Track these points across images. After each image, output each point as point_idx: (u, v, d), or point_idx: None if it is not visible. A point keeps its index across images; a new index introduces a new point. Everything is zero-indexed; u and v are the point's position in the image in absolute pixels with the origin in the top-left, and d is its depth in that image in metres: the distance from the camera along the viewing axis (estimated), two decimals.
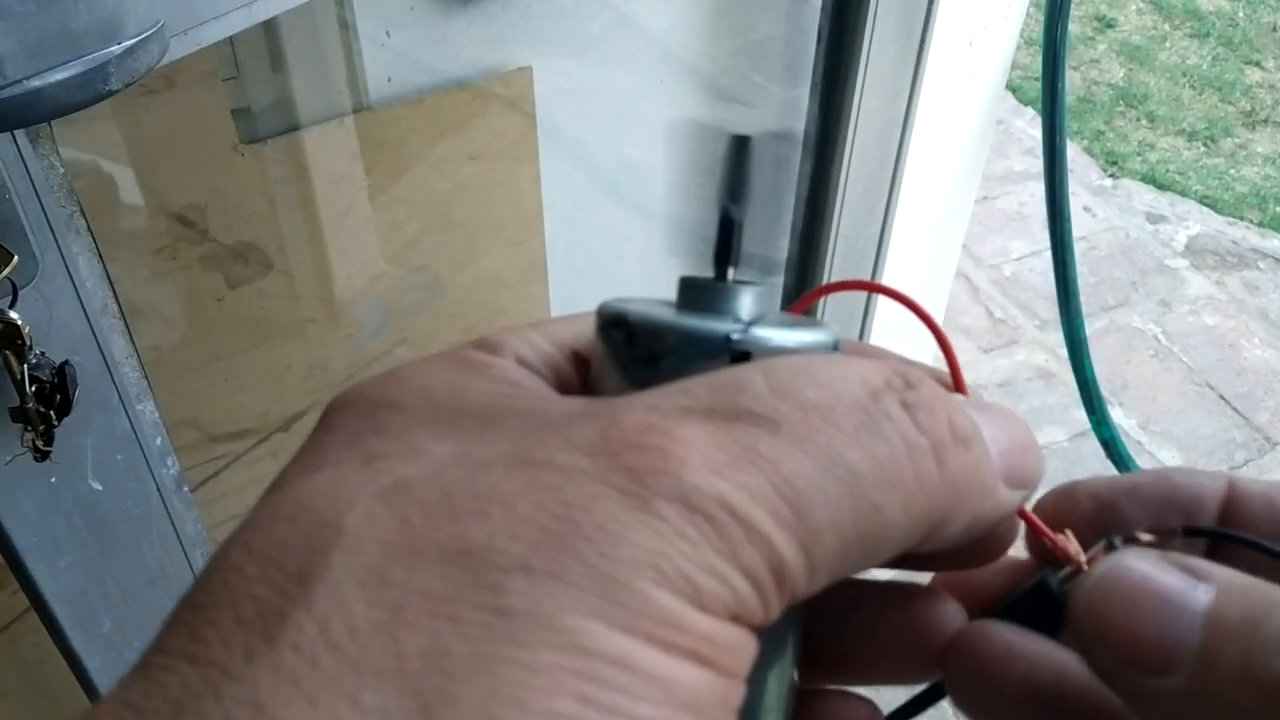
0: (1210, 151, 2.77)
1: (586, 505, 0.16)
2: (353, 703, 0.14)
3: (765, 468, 0.17)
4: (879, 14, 0.93)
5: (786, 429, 0.17)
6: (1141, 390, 2.04)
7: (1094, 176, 2.65)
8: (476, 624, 0.15)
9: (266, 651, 0.15)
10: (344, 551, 0.16)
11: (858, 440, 0.18)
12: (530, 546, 0.15)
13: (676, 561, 0.16)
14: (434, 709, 0.14)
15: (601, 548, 0.15)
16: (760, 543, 0.16)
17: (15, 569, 0.58)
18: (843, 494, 0.17)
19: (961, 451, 0.19)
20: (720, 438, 0.17)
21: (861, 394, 0.18)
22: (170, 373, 0.85)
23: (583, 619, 0.15)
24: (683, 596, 0.16)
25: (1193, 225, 2.49)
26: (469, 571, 0.15)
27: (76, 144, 0.70)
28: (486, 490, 0.16)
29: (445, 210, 0.95)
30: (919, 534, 0.18)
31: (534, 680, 0.14)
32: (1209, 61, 3.11)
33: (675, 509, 0.16)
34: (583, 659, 0.15)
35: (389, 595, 0.15)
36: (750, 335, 0.20)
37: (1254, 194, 2.61)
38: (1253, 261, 2.39)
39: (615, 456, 0.16)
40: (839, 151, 1.02)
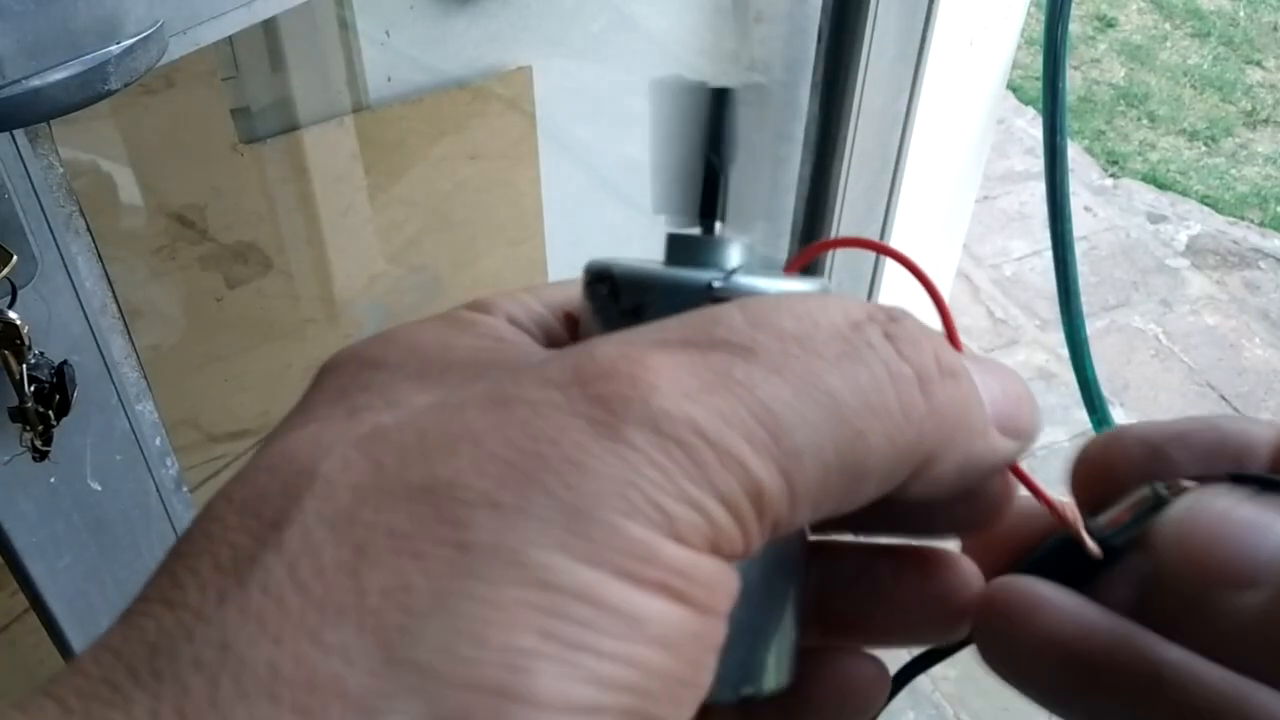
0: (1211, 151, 2.77)
1: (555, 437, 0.16)
2: (315, 641, 0.14)
3: (740, 392, 0.16)
4: (879, 14, 0.93)
5: (763, 356, 0.17)
6: (1142, 390, 2.03)
7: (1095, 176, 2.65)
8: (439, 559, 0.15)
9: (237, 594, 0.15)
10: (316, 496, 0.16)
11: (838, 366, 0.17)
12: (497, 481, 0.15)
13: (647, 490, 0.15)
14: (394, 645, 0.14)
15: (568, 479, 0.15)
16: (736, 467, 0.16)
17: (14, 569, 0.58)
18: (823, 418, 0.17)
19: (949, 383, 0.18)
20: (693, 364, 0.17)
21: (842, 324, 0.18)
22: (170, 373, 0.85)
23: (547, 552, 0.15)
24: (654, 527, 0.15)
25: (1193, 225, 2.49)
26: (434, 508, 0.15)
27: (76, 144, 0.70)
28: (459, 429, 0.16)
29: (445, 210, 0.95)
30: (906, 467, 0.18)
31: (495, 615, 0.14)
32: (1210, 61, 3.11)
33: (645, 435, 0.16)
34: (546, 593, 0.14)
35: (355, 535, 0.15)
36: (732, 282, 0.20)
37: (1255, 194, 2.61)
38: (1253, 261, 2.39)
39: (585, 386, 0.16)
40: (839, 151, 1.02)
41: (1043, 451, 1.91)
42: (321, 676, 0.14)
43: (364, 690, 0.14)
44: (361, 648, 0.14)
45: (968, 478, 0.19)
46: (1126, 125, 2.85)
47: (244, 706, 0.14)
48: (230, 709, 0.14)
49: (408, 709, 0.14)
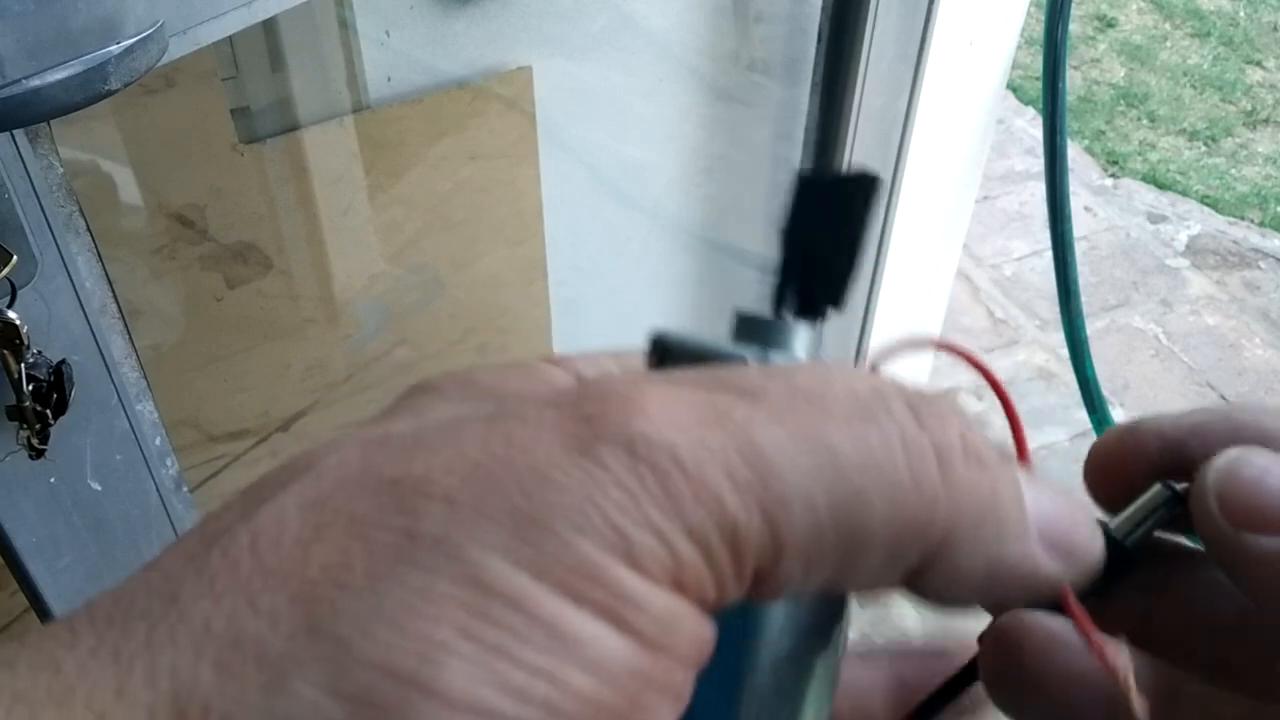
0: (1211, 151, 2.77)
1: (529, 447, 0.16)
2: (250, 603, 0.15)
3: (732, 429, 0.16)
4: (879, 14, 0.93)
5: (767, 402, 0.16)
6: (1142, 390, 2.03)
7: (1095, 176, 2.65)
8: (383, 544, 0.15)
9: (200, 556, 0.16)
10: (303, 482, 0.16)
11: (846, 423, 0.16)
12: (461, 480, 0.15)
13: (607, 511, 0.15)
14: (318, 616, 0.14)
15: (529, 487, 0.15)
16: (710, 502, 0.15)
17: (14, 569, 0.58)
18: (818, 468, 0.16)
19: (974, 467, 0.17)
20: (693, 400, 0.16)
21: (863, 388, 0.17)
22: (169, 373, 0.85)
23: (487, 553, 0.15)
24: (608, 548, 0.15)
25: (1193, 225, 2.49)
26: (396, 498, 0.15)
27: (76, 144, 0.70)
28: (450, 437, 0.16)
29: (445, 210, 0.95)
30: (917, 544, 0.17)
31: (420, 604, 0.14)
32: (1210, 61, 3.11)
33: (619, 456, 0.15)
34: (475, 593, 0.14)
35: (320, 516, 0.15)
36: (765, 359, 0.19)
37: (1255, 194, 2.61)
38: (1254, 261, 2.39)
39: (578, 405, 0.16)
40: (839, 151, 1.02)
41: (1043, 452, 1.91)
42: (246, 636, 0.14)
43: (280, 654, 0.14)
44: (289, 615, 0.14)
45: (1003, 586, 0.18)
46: (1126, 125, 2.85)
47: (171, 653, 0.14)
48: (158, 654, 0.14)
49: (316, 678, 0.14)
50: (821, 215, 0.21)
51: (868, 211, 0.20)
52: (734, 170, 1.12)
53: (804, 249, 0.21)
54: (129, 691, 0.14)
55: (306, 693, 0.14)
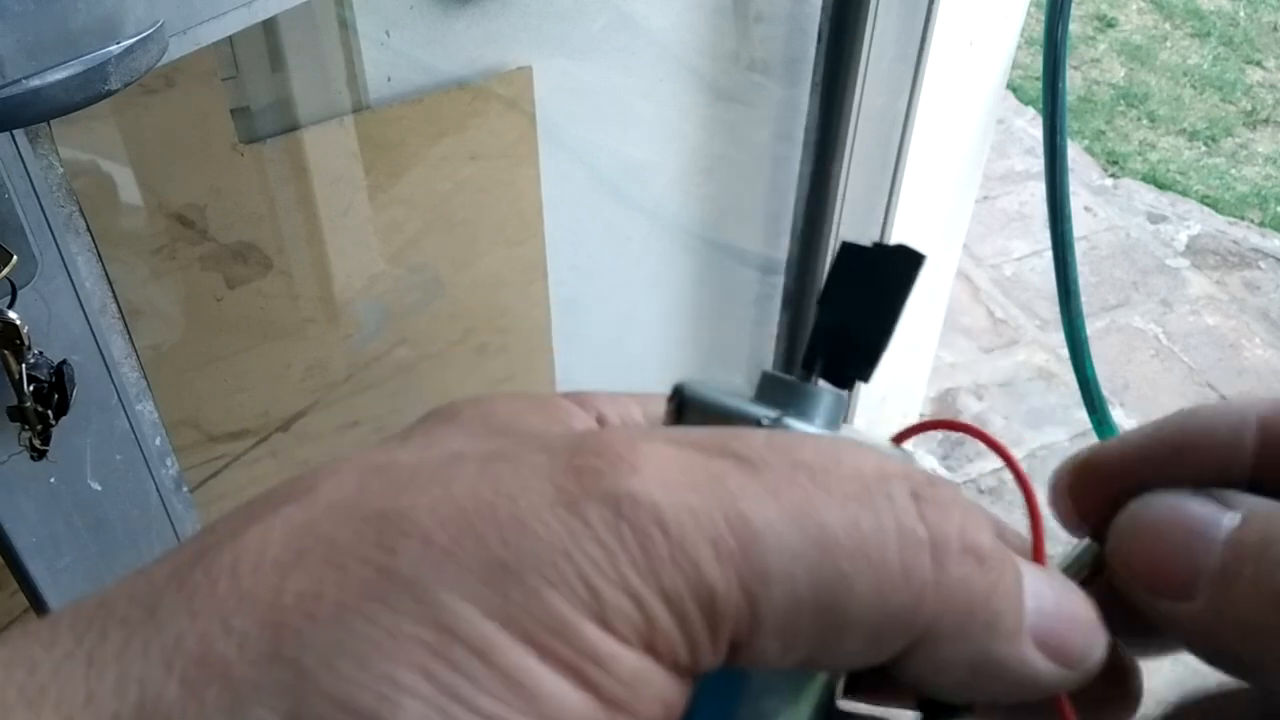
0: (1211, 151, 2.77)
1: (515, 495, 0.15)
2: (223, 623, 0.15)
3: (722, 496, 0.16)
4: (879, 14, 0.93)
5: (765, 474, 0.16)
6: (1142, 390, 2.03)
7: (1095, 176, 2.65)
8: (357, 577, 0.15)
9: (185, 570, 0.16)
10: (297, 505, 0.16)
11: (842, 505, 0.16)
12: (441, 521, 0.15)
13: (582, 567, 0.15)
14: (284, 643, 0.14)
15: (506, 535, 0.15)
16: (688, 567, 0.15)
17: (14, 569, 0.58)
18: (806, 547, 0.16)
19: (969, 563, 0.17)
20: (689, 463, 0.16)
21: (869, 470, 0.17)
22: (169, 373, 0.85)
23: (457, 599, 0.15)
24: (580, 606, 0.15)
25: (1193, 225, 2.49)
26: (377, 531, 0.15)
27: (76, 144, 0.70)
28: (444, 474, 0.16)
29: (445, 210, 0.95)
30: (899, 634, 0.17)
31: (384, 642, 0.14)
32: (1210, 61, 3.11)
33: (601, 512, 0.15)
34: (441, 636, 0.14)
35: (303, 541, 0.16)
36: (782, 423, 0.19)
37: (1255, 194, 2.61)
38: (1254, 261, 2.39)
39: (572, 456, 0.16)
40: (839, 151, 1.02)
41: (1043, 452, 1.91)
42: (214, 656, 0.14)
43: (243, 678, 0.14)
44: (257, 639, 0.14)
45: (990, 683, 0.18)
46: (1126, 125, 2.85)
47: (141, 665, 0.15)
48: (129, 664, 0.15)
49: (274, 705, 0.14)
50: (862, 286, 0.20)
51: (909, 288, 0.20)
52: (734, 170, 1.12)
53: (839, 317, 0.21)
54: (97, 698, 0.14)
55: (263, 717, 0.14)
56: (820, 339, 0.21)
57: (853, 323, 0.21)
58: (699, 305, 1.22)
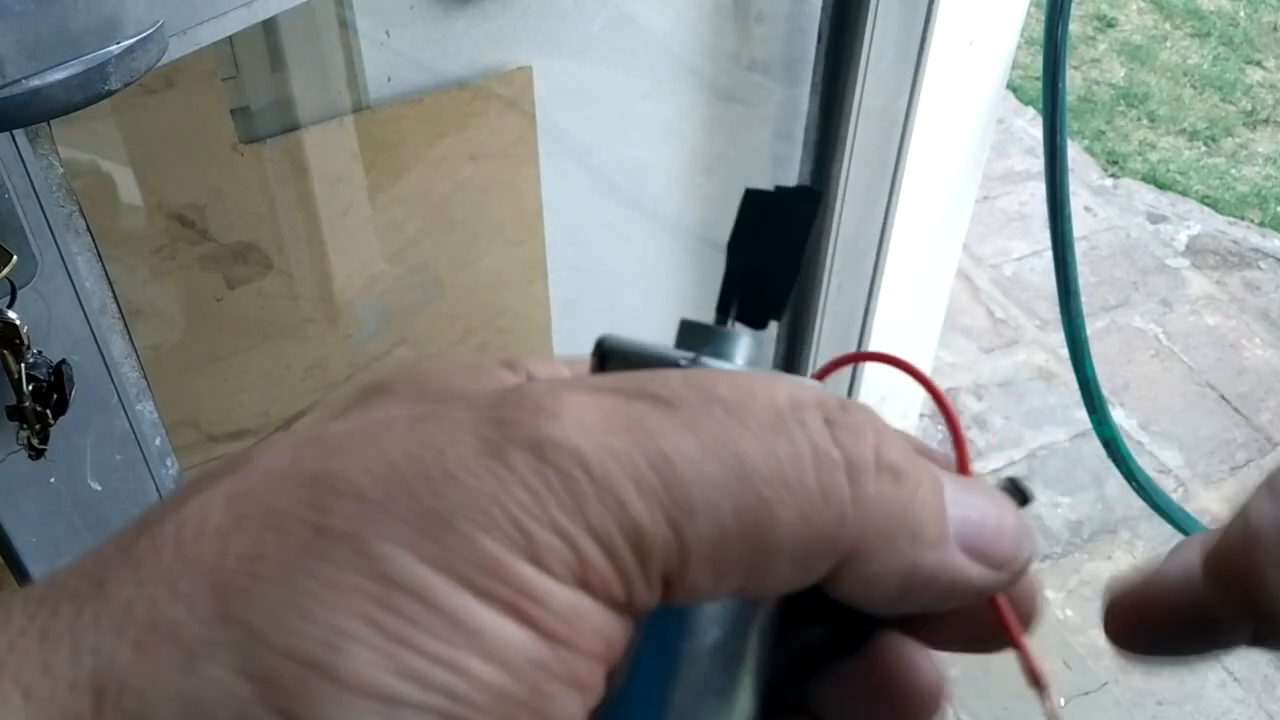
0: (1211, 151, 2.77)
1: (442, 448, 0.16)
2: (170, 589, 0.15)
3: (641, 437, 0.16)
4: (879, 14, 0.93)
5: (682, 412, 0.17)
6: (1142, 390, 2.03)
7: (1095, 176, 2.65)
8: (296, 537, 0.16)
9: (131, 543, 0.17)
10: (234, 476, 0.17)
11: (758, 435, 0.17)
12: (373, 478, 0.16)
13: (512, 510, 0.16)
14: (231, 603, 0.15)
15: (437, 486, 0.16)
16: (614, 505, 0.16)
17: (15, 569, 0.58)
18: (725, 478, 0.16)
19: (885, 479, 0.18)
20: (608, 407, 0.17)
21: (782, 400, 0.17)
22: (169, 373, 0.85)
23: (393, 548, 0.15)
24: (511, 546, 0.15)
25: (1193, 225, 2.49)
26: (311, 493, 0.16)
27: (76, 144, 0.70)
28: (374, 436, 0.17)
29: (445, 210, 0.95)
30: (826, 554, 0.17)
31: (327, 595, 0.15)
32: (1210, 61, 3.11)
33: (525, 458, 0.16)
34: (381, 585, 0.15)
35: (242, 508, 0.16)
36: (699, 363, 0.20)
37: (1255, 194, 2.61)
38: (1253, 261, 2.39)
39: (494, 409, 0.17)
40: (839, 151, 1.02)
41: (1043, 452, 1.91)
42: (164, 620, 0.15)
43: (194, 637, 0.15)
44: (204, 601, 0.15)
45: (922, 592, 0.19)
46: (1126, 125, 2.85)
47: (93, 634, 0.15)
48: (82, 635, 0.15)
49: (226, 661, 0.15)
50: (766, 228, 0.21)
51: (809, 225, 0.21)
52: (734, 170, 1.12)
53: (748, 260, 0.21)
54: (53, 667, 0.15)
55: (217, 674, 0.15)
56: (732, 283, 0.22)
57: (762, 265, 0.21)
58: (699, 305, 1.22)
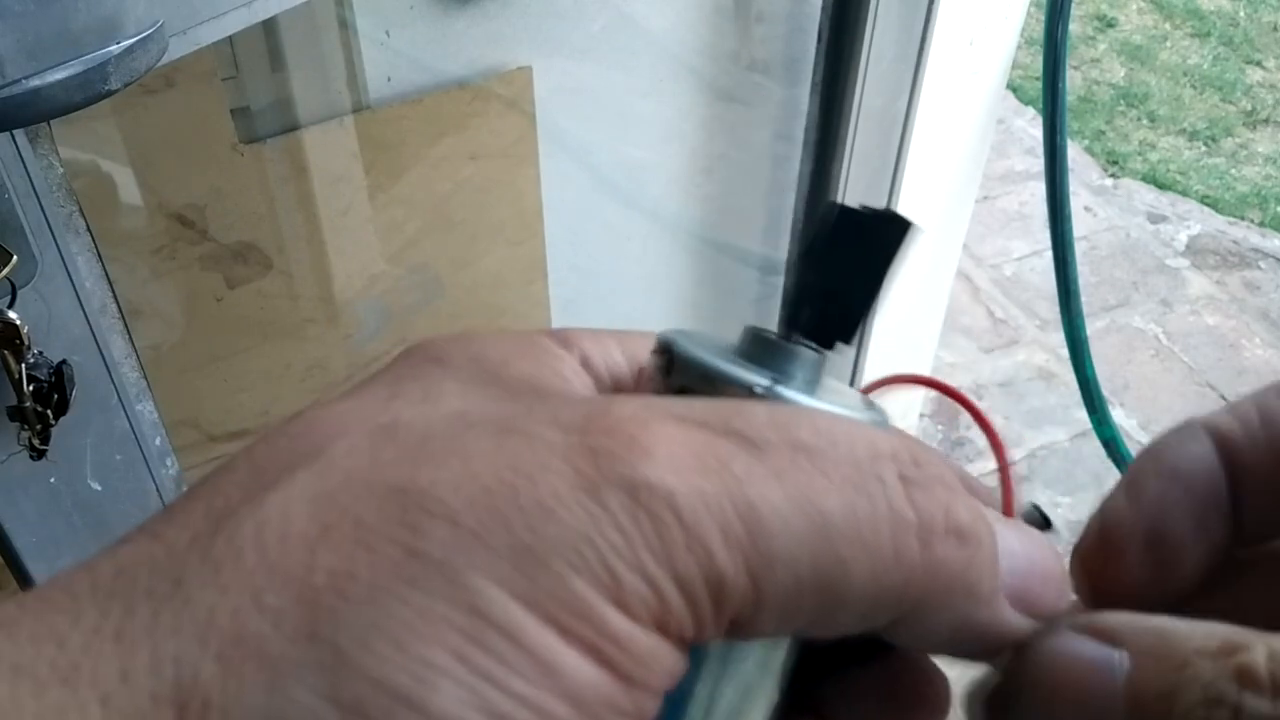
0: (1211, 151, 2.77)
1: (535, 476, 0.16)
2: (255, 599, 0.15)
3: (730, 482, 0.16)
4: (879, 14, 0.93)
5: (769, 457, 0.17)
6: (1142, 390, 2.03)
7: (1095, 176, 2.65)
8: (387, 558, 0.15)
9: (206, 539, 0.16)
10: (312, 472, 0.17)
11: (840, 489, 0.17)
12: (466, 501, 0.16)
13: (603, 551, 0.15)
14: (320, 622, 0.15)
15: (531, 520, 0.15)
16: (700, 553, 0.16)
17: (15, 569, 0.58)
18: (808, 534, 0.16)
19: (953, 543, 0.18)
20: (698, 444, 0.17)
21: (861, 451, 0.18)
22: (169, 373, 0.85)
23: (486, 582, 0.15)
24: (600, 589, 0.15)
25: (1194, 225, 2.49)
26: (401, 509, 0.16)
27: (76, 144, 0.70)
28: (458, 445, 0.17)
29: (445, 210, 0.95)
30: (889, 608, 0.18)
31: (418, 624, 0.15)
32: (1210, 61, 3.11)
33: (620, 499, 0.16)
34: (472, 619, 0.15)
35: (326, 515, 0.16)
36: (774, 392, 0.19)
37: (1255, 194, 2.61)
38: (1254, 261, 2.39)
39: (585, 435, 0.17)
40: (839, 151, 1.02)
41: (1043, 452, 1.91)
42: (249, 633, 0.15)
43: (280, 656, 0.15)
44: (293, 617, 0.15)
45: (969, 643, 0.19)
46: (1126, 125, 2.85)
47: (175, 641, 0.15)
48: (162, 640, 0.15)
49: (313, 683, 0.14)
50: (851, 249, 0.21)
51: (899, 255, 0.20)
52: (734, 170, 1.12)
53: (827, 279, 0.21)
54: (133, 675, 0.14)
55: (303, 697, 0.14)
56: (805, 297, 0.21)
57: (839, 285, 0.21)
58: (699, 305, 1.22)
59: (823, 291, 0.21)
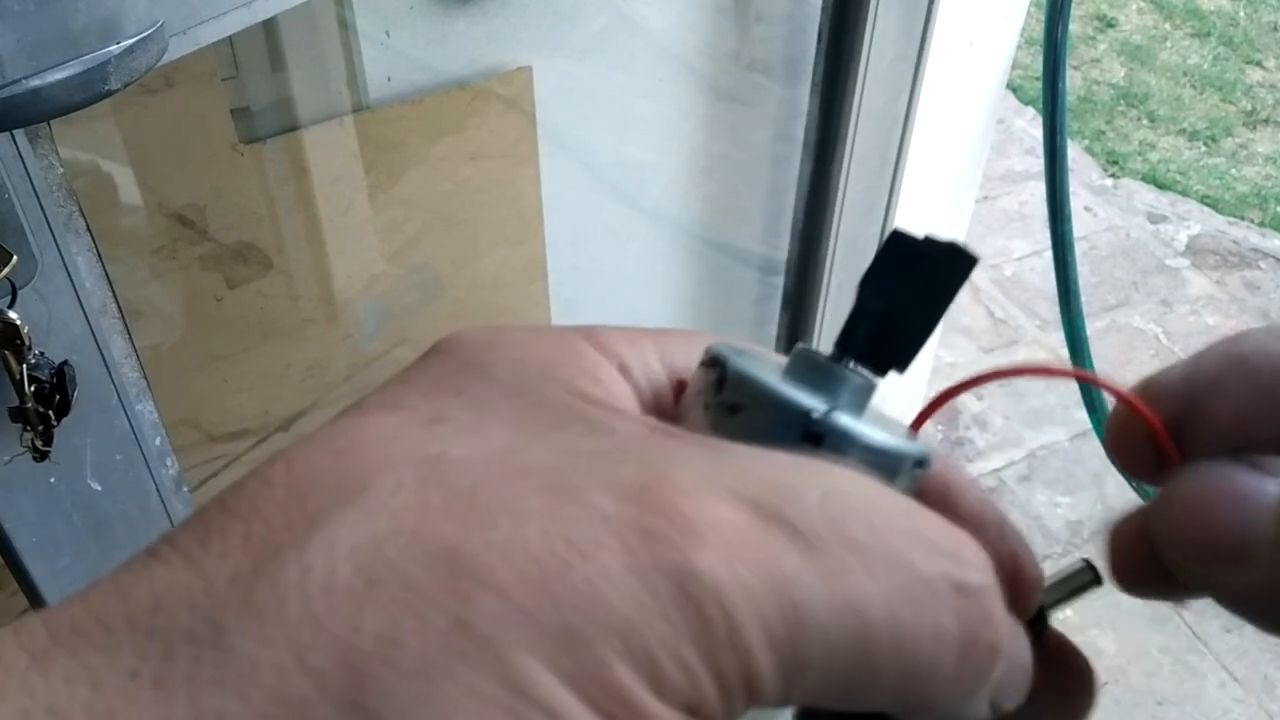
0: (1211, 151, 2.77)
1: (588, 552, 0.16)
2: (299, 659, 0.14)
3: (778, 580, 0.16)
4: (879, 14, 0.93)
5: (819, 556, 0.17)
6: None
7: (1095, 176, 2.65)
8: (436, 628, 0.15)
9: (247, 578, 0.15)
10: (358, 509, 0.16)
11: (885, 596, 0.17)
12: (517, 573, 0.15)
13: (648, 641, 0.15)
14: (365, 691, 0.14)
15: (580, 600, 0.15)
16: (741, 653, 0.16)
17: (14, 569, 0.57)
18: (847, 642, 0.17)
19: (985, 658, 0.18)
20: (749, 532, 0.17)
21: (918, 554, 0.17)
22: (169, 373, 0.85)
23: (534, 662, 0.15)
24: (642, 676, 0.15)
25: (1193, 225, 2.49)
26: (452, 575, 0.15)
27: (76, 144, 0.70)
28: (509, 500, 0.16)
29: (445, 210, 0.95)
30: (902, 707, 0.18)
31: (465, 702, 0.14)
32: (1210, 61, 3.11)
33: (669, 588, 0.16)
34: (519, 700, 0.15)
35: (374, 569, 0.15)
36: (829, 419, 0.19)
37: (1255, 194, 2.61)
38: (1253, 261, 2.39)
39: (641, 510, 0.16)
40: (839, 151, 1.02)
41: (1043, 452, 1.91)
42: (292, 695, 0.14)
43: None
44: (336, 683, 0.14)
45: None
46: (1126, 125, 2.85)
47: (216, 695, 0.14)
48: (202, 693, 0.14)
49: None
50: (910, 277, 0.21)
51: (958, 286, 0.20)
52: (734, 170, 1.12)
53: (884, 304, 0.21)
54: None
55: None
56: (861, 321, 0.21)
57: (896, 312, 0.21)
58: (699, 305, 1.22)
59: (880, 316, 0.21)
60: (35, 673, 0.15)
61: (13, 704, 0.14)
